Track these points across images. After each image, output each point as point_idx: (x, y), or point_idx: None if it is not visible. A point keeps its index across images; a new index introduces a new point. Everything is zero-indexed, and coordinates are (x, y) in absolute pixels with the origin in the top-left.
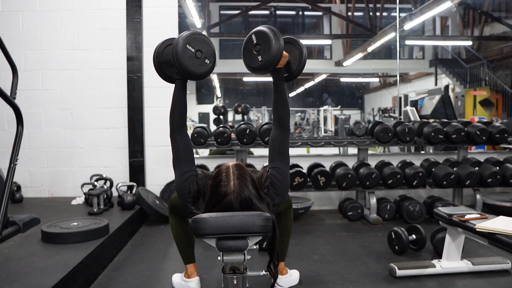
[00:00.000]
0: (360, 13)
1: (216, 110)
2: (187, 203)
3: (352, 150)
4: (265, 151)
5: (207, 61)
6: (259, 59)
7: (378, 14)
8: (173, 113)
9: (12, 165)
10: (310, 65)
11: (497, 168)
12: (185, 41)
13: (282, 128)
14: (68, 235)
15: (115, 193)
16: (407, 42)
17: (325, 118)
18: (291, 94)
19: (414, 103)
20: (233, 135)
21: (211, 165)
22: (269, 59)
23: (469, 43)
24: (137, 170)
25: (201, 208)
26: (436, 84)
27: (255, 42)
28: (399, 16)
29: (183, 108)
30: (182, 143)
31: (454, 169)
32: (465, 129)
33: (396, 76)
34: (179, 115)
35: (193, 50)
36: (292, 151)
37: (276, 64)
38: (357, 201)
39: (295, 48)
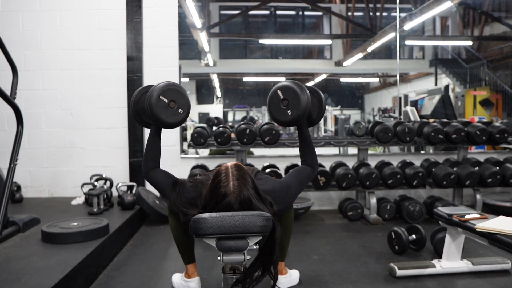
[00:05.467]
0: (360, 13)
1: (209, 121)
2: (185, 209)
3: (352, 150)
4: (265, 151)
5: (180, 111)
6: (289, 114)
7: (378, 14)
8: (146, 159)
9: (12, 165)
10: (310, 65)
11: (497, 168)
12: (159, 92)
13: (312, 168)
14: (68, 235)
15: (115, 193)
16: (407, 42)
17: (325, 118)
18: None
19: (414, 103)
20: (233, 135)
21: (211, 165)
22: (299, 113)
23: (469, 43)
24: (137, 170)
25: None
26: (436, 84)
27: (282, 97)
28: (399, 16)
29: (157, 154)
30: (159, 176)
31: (454, 169)
32: (465, 129)
33: (396, 76)
34: (153, 161)
35: (166, 101)
36: (292, 151)
37: (306, 117)
38: (357, 201)
39: (314, 96)
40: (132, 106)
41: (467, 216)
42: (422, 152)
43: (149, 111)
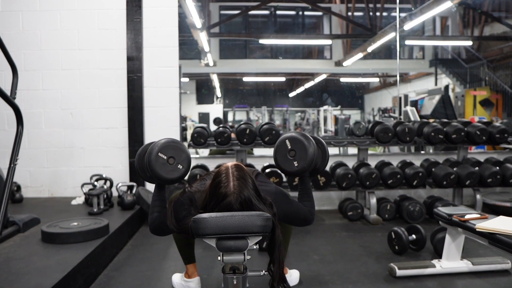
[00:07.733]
0: (360, 13)
1: (215, 121)
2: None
3: (352, 150)
4: (265, 151)
5: (180, 166)
6: (295, 165)
7: (378, 14)
8: (152, 211)
9: (12, 165)
10: (310, 65)
11: (497, 168)
12: (157, 150)
13: (310, 215)
14: (68, 235)
15: (115, 193)
16: (407, 42)
17: (325, 118)
18: (291, 94)
19: (414, 103)
20: (233, 135)
21: (211, 165)
22: (306, 165)
23: (469, 43)
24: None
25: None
26: (436, 84)
27: (289, 147)
28: (399, 16)
29: (162, 206)
30: (162, 223)
31: (454, 169)
32: (465, 129)
33: (396, 76)
34: (158, 212)
35: (165, 158)
36: None
37: (311, 169)
38: (357, 201)
39: (319, 147)
40: (136, 163)
41: (467, 216)
42: (422, 152)
43: (148, 168)
